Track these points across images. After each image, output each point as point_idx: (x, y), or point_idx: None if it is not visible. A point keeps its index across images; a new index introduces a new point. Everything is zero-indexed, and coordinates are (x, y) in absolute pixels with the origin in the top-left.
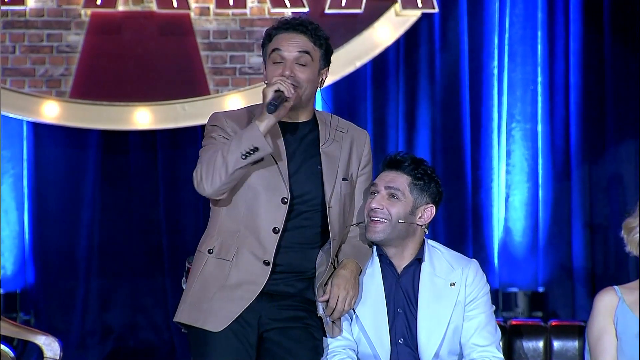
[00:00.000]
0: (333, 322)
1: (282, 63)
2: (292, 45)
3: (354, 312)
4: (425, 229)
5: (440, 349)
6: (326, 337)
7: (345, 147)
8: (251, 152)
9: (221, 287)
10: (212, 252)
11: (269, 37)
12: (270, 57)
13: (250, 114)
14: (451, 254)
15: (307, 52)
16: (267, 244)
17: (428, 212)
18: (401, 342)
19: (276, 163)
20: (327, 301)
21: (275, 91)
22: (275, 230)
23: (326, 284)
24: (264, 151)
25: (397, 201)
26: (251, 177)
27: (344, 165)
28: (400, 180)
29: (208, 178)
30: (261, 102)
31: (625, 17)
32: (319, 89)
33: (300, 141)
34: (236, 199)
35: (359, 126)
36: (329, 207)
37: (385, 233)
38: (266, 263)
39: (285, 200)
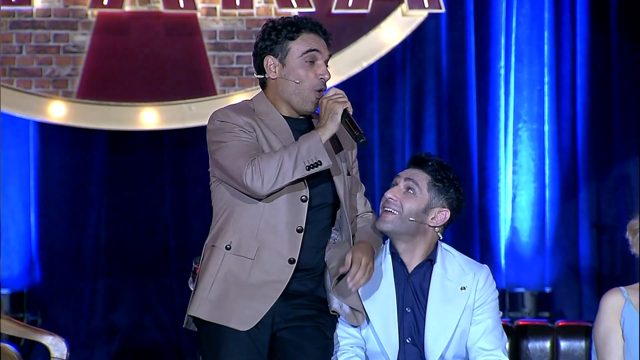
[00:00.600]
0: (353, 310)
1: (313, 64)
2: (323, 48)
3: (364, 309)
4: (440, 233)
5: (446, 352)
6: (344, 332)
7: (339, 144)
8: (313, 165)
9: (243, 285)
10: (230, 248)
11: (291, 35)
12: (302, 56)
13: (249, 109)
14: (463, 258)
15: (330, 56)
16: (291, 242)
17: (442, 216)
18: (409, 341)
19: None
20: (346, 274)
21: (344, 110)
22: (298, 230)
23: (341, 278)
24: (325, 165)
25: (413, 196)
26: None
27: (344, 161)
28: (420, 177)
29: (266, 180)
30: (250, 99)
31: (632, 17)
32: None
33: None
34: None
35: (366, 126)
36: (343, 203)
37: (393, 225)
38: (291, 261)
39: (305, 198)
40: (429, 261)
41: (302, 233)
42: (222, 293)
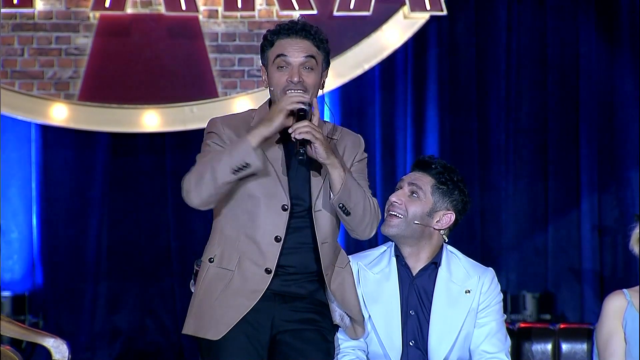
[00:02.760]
0: (353, 321)
1: (286, 69)
2: (297, 50)
3: (367, 312)
4: (445, 236)
5: (449, 355)
6: (342, 338)
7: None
8: (242, 168)
9: (222, 294)
10: (213, 260)
11: (270, 42)
12: (274, 62)
13: (249, 119)
14: (469, 261)
15: (312, 57)
16: (268, 252)
17: (446, 218)
18: (412, 344)
19: (275, 170)
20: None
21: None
22: (277, 239)
23: None
24: (254, 168)
25: (417, 199)
26: (250, 185)
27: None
28: (424, 181)
29: (197, 189)
30: (257, 107)
31: (634, 20)
32: (321, 91)
33: None
34: (236, 208)
35: (368, 128)
36: (314, 212)
37: (399, 229)
38: (268, 271)
39: (286, 207)
40: (434, 264)
41: (281, 242)
42: (203, 305)
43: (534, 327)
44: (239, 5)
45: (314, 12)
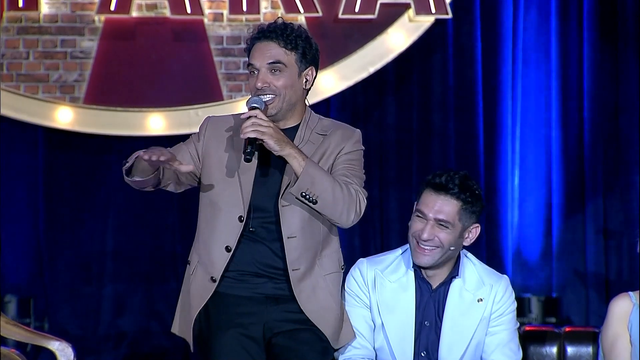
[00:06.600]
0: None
1: (256, 74)
2: (263, 56)
3: (381, 319)
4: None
5: None
6: (357, 342)
7: (320, 149)
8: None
9: (186, 297)
10: (190, 263)
11: (248, 48)
12: (248, 68)
13: (233, 123)
14: (484, 268)
15: (277, 62)
16: (217, 261)
17: (475, 231)
18: (423, 354)
19: (240, 181)
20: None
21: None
22: (227, 249)
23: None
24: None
25: (447, 229)
26: (214, 195)
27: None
28: (449, 209)
29: None
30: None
31: (638, 23)
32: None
33: None
34: (202, 215)
35: (371, 131)
36: (281, 207)
37: (434, 259)
38: (213, 280)
39: (242, 218)
40: (453, 277)
41: (231, 252)
42: (182, 308)
43: (539, 331)
44: (244, 8)
45: (319, 14)
